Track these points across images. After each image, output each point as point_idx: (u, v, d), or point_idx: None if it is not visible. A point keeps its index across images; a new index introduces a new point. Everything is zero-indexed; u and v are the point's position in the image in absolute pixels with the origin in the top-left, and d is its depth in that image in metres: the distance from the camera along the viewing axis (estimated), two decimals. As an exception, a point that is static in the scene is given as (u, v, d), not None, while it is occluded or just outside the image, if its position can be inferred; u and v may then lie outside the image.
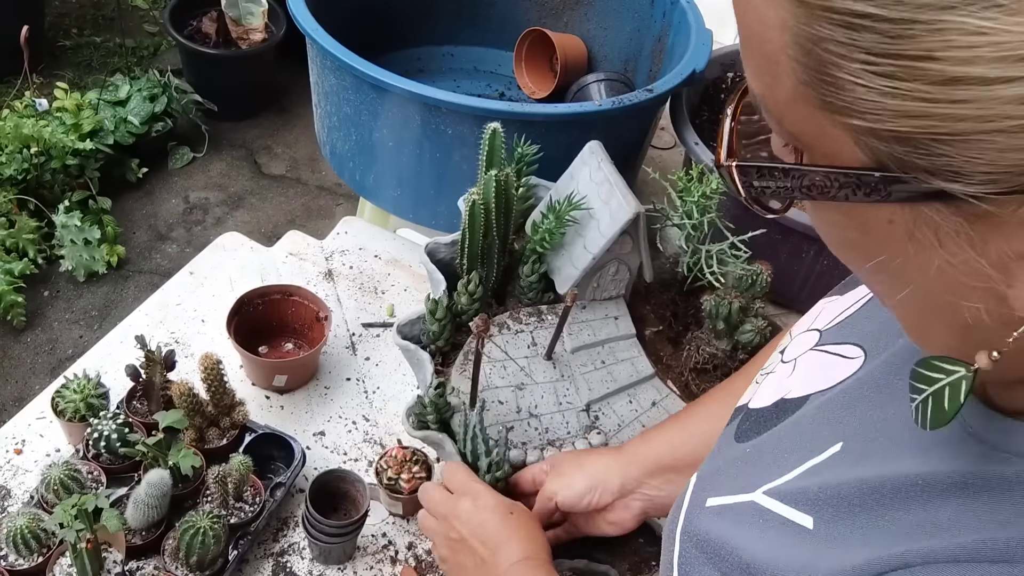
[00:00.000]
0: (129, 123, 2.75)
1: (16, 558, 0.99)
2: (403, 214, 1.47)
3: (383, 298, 1.41)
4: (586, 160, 1.18)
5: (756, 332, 1.17)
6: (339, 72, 1.33)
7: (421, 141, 1.31)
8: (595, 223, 1.14)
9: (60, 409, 1.10)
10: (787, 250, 1.28)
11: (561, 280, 1.18)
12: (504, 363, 1.12)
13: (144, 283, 2.60)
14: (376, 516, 1.13)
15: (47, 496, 1.00)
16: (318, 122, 1.52)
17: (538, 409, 1.09)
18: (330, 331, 1.26)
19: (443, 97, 1.22)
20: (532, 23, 1.75)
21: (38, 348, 2.40)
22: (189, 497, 1.07)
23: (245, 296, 1.26)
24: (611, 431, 1.10)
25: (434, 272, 1.16)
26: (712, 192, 1.16)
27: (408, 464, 1.10)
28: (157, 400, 1.11)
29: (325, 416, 1.24)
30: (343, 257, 1.47)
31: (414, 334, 1.15)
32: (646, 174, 1.60)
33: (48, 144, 2.50)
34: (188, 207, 2.87)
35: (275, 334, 1.31)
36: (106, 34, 3.42)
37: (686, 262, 1.22)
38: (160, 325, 1.32)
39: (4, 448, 1.14)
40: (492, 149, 1.14)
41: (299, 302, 1.29)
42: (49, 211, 2.52)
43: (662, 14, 1.57)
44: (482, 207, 1.09)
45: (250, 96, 3.20)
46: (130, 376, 1.10)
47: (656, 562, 1.04)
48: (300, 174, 3.06)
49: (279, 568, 1.07)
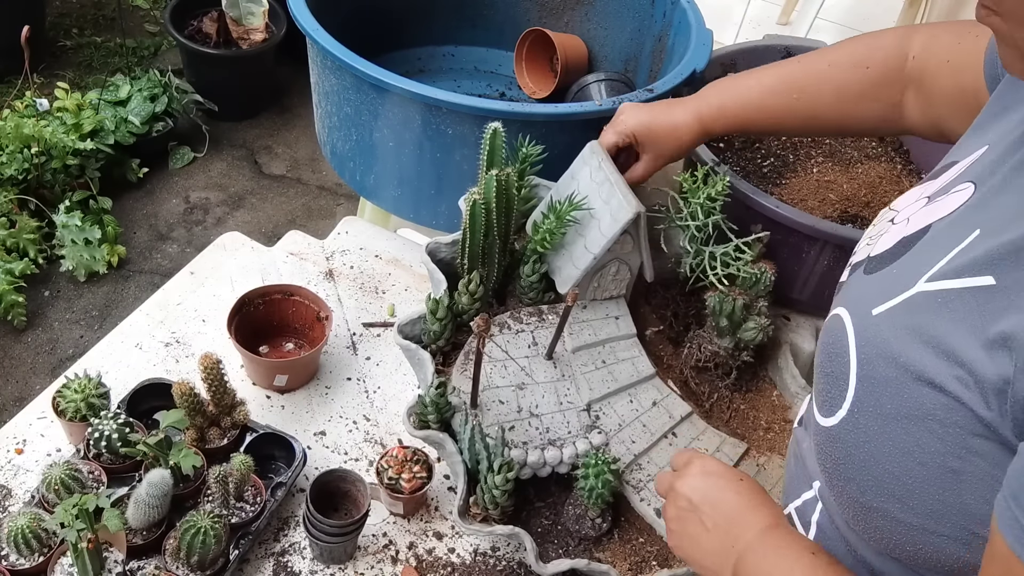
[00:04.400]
0: (130, 123, 2.75)
1: (17, 558, 0.99)
2: (404, 214, 1.46)
3: (384, 298, 1.41)
4: (587, 160, 1.18)
5: (759, 330, 1.17)
6: (339, 72, 1.33)
7: (422, 141, 1.31)
8: (596, 223, 1.14)
9: (61, 409, 1.11)
10: (787, 250, 1.28)
11: (562, 280, 1.18)
12: (505, 363, 1.12)
13: (145, 283, 2.60)
14: (377, 516, 1.13)
15: (48, 496, 1.00)
16: (318, 122, 1.52)
17: (539, 409, 1.09)
18: (331, 331, 1.26)
19: (444, 97, 1.22)
20: (532, 23, 1.75)
21: (39, 348, 2.40)
22: (190, 497, 1.07)
23: (246, 296, 1.26)
24: (612, 431, 1.10)
25: (435, 272, 1.16)
26: (717, 194, 1.16)
27: (409, 464, 1.10)
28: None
29: (326, 416, 1.24)
30: (344, 257, 1.47)
31: (415, 334, 1.15)
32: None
33: (49, 144, 2.50)
34: (189, 207, 2.87)
35: (276, 334, 1.31)
36: (107, 34, 3.42)
37: (689, 263, 1.22)
38: (161, 325, 1.32)
39: (5, 448, 1.14)
40: (493, 149, 1.14)
41: (300, 302, 1.29)
42: (50, 211, 2.52)
43: (662, 14, 1.57)
44: (483, 207, 1.09)
45: (250, 96, 3.20)
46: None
47: (656, 561, 1.04)
48: (301, 174, 3.06)
49: (280, 568, 1.07)
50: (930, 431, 0.63)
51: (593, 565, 1.00)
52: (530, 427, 1.07)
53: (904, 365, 0.64)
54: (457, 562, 1.10)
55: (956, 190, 0.72)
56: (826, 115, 1.09)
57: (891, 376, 0.65)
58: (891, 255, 0.74)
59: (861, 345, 0.69)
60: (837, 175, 1.44)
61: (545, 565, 1.00)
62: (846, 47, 1.08)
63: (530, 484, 1.08)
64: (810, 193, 1.41)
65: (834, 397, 0.72)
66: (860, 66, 1.05)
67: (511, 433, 1.05)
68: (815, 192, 1.41)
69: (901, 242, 0.74)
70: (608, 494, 1.01)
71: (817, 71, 1.09)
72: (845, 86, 1.06)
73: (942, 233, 0.69)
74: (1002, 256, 0.61)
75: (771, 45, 1.58)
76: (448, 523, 1.14)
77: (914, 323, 0.65)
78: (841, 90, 1.06)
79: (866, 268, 0.76)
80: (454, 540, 1.12)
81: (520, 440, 1.05)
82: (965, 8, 3.01)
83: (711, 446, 1.14)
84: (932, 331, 0.63)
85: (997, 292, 0.60)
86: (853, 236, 1.22)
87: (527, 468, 1.05)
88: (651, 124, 1.15)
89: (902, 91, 1.03)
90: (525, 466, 1.04)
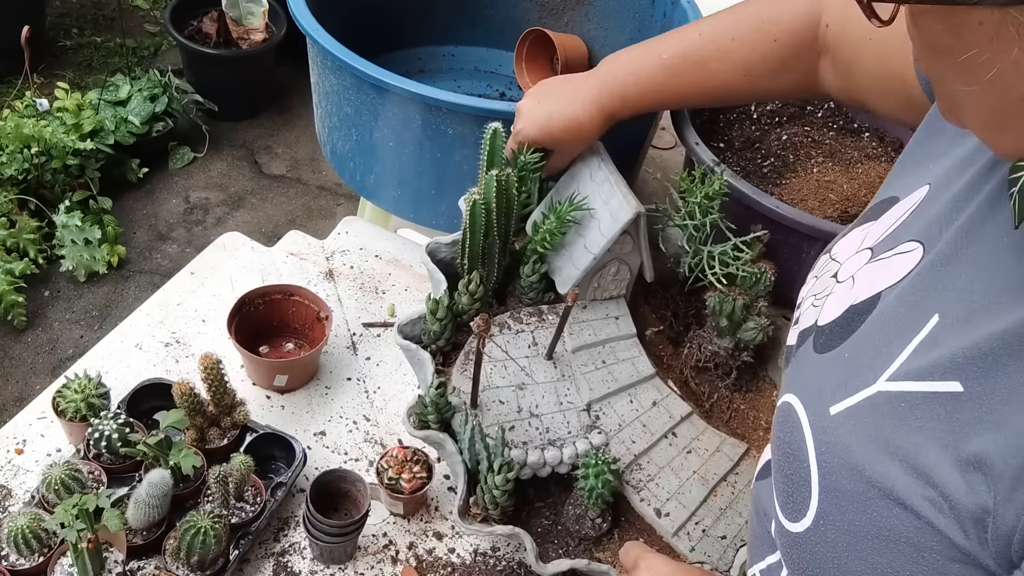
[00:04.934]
0: (130, 123, 2.76)
1: (17, 558, 0.99)
2: (404, 214, 1.46)
3: (384, 298, 1.41)
4: (586, 160, 1.18)
5: (759, 330, 1.17)
6: (339, 72, 1.33)
7: (422, 141, 1.31)
8: (596, 223, 1.14)
9: (61, 409, 1.11)
10: (787, 250, 1.28)
11: (562, 280, 1.18)
12: (505, 363, 1.12)
13: (144, 283, 2.60)
14: (377, 516, 1.13)
15: (48, 496, 1.00)
16: (318, 122, 1.52)
17: (539, 409, 1.09)
18: (331, 331, 1.26)
19: (444, 97, 1.22)
20: (533, 23, 1.75)
21: (39, 348, 2.40)
22: (190, 497, 1.07)
23: (246, 296, 1.26)
24: (612, 431, 1.10)
25: (435, 272, 1.16)
26: (714, 193, 1.16)
27: (409, 464, 1.10)
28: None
29: (326, 416, 1.24)
30: (344, 257, 1.47)
31: (415, 334, 1.15)
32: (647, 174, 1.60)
33: (49, 144, 2.50)
34: (188, 207, 2.87)
35: (276, 334, 1.31)
36: (107, 34, 3.42)
37: (688, 263, 1.22)
38: (160, 325, 1.32)
39: (5, 448, 1.14)
40: (493, 149, 1.14)
41: (300, 302, 1.29)
42: (50, 211, 2.52)
43: (663, 14, 1.57)
44: (483, 207, 1.09)
45: (250, 96, 3.20)
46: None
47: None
48: (301, 174, 3.06)
49: (280, 568, 1.07)
50: (903, 553, 0.57)
51: (593, 565, 1.00)
52: (530, 427, 1.07)
53: (870, 479, 0.58)
54: (457, 562, 1.10)
55: (902, 251, 0.67)
56: (737, 89, 1.04)
57: (857, 490, 0.60)
58: (841, 328, 0.68)
59: (821, 451, 0.63)
60: (837, 175, 1.44)
61: (545, 565, 1.00)
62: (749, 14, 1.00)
63: (530, 484, 1.08)
64: (810, 193, 1.41)
65: (798, 503, 0.66)
66: (767, 39, 0.98)
67: (511, 433, 1.05)
68: (815, 192, 1.41)
69: (849, 312, 0.68)
70: (608, 494, 1.01)
71: (720, 47, 1.02)
72: (753, 63, 1.00)
73: (895, 310, 0.64)
74: (968, 360, 0.55)
75: (771, 45, 1.57)
76: (448, 523, 1.14)
77: (878, 430, 0.59)
78: (750, 67, 1.00)
79: (815, 343, 0.71)
80: (454, 540, 1.12)
81: (520, 440, 1.05)
82: (965, 8, 3.00)
83: (711, 446, 1.14)
84: (898, 442, 0.57)
85: (965, 402, 0.54)
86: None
87: (527, 468, 1.05)
88: (551, 128, 1.10)
89: (816, 59, 0.97)
90: (525, 466, 1.04)
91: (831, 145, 1.52)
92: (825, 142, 1.53)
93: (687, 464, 1.11)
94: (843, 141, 1.54)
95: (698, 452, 1.13)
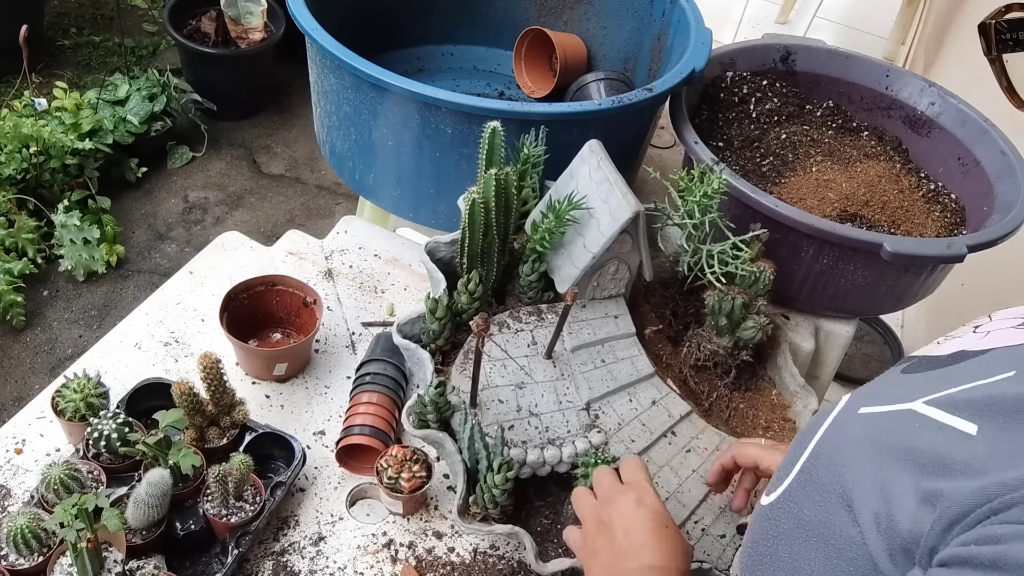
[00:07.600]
0: (128, 122, 2.75)
1: (16, 558, 0.99)
2: (403, 213, 1.46)
3: (383, 297, 1.41)
4: (585, 159, 1.18)
5: (758, 329, 1.17)
6: (338, 71, 1.33)
7: (421, 140, 1.31)
8: (595, 222, 1.14)
9: (60, 409, 1.10)
10: (786, 249, 1.28)
11: (561, 279, 1.18)
12: (504, 362, 1.12)
13: (144, 283, 2.60)
14: (376, 515, 1.13)
15: (47, 496, 1.00)
16: (317, 121, 1.52)
17: (538, 408, 1.09)
18: (322, 314, 1.26)
19: (442, 96, 1.22)
20: (532, 22, 1.75)
21: (38, 348, 2.40)
22: (189, 496, 1.07)
23: (231, 292, 1.25)
24: (611, 430, 1.10)
25: (434, 271, 1.17)
26: (713, 192, 1.16)
27: (408, 463, 1.10)
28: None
29: (325, 415, 1.24)
30: (343, 256, 1.47)
31: (414, 333, 1.15)
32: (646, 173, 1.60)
33: (47, 143, 2.50)
34: (187, 206, 2.87)
35: (262, 327, 1.30)
36: (105, 33, 3.42)
37: (687, 261, 1.22)
38: (160, 325, 1.32)
39: (4, 448, 1.14)
40: (492, 148, 1.14)
41: (283, 290, 1.29)
42: (48, 211, 2.52)
43: (661, 13, 1.57)
44: (482, 206, 1.09)
45: (249, 95, 3.20)
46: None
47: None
48: (300, 173, 3.06)
49: (280, 567, 1.07)
50: (827, 557, 0.57)
51: (593, 564, 1.00)
52: (529, 426, 1.07)
53: (841, 476, 0.59)
54: (457, 561, 1.10)
55: None
56: None
57: (824, 481, 0.60)
58: (936, 362, 0.67)
59: (823, 438, 0.64)
60: (836, 174, 1.44)
61: (545, 564, 1.00)
62: None
63: (529, 483, 1.08)
64: (809, 192, 1.42)
65: (780, 478, 0.67)
66: None
67: (510, 432, 1.05)
68: (814, 191, 1.41)
69: (957, 355, 0.66)
70: (607, 493, 1.01)
71: None
72: None
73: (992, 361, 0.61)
74: (1000, 409, 0.53)
75: (770, 44, 1.58)
76: (448, 522, 1.14)
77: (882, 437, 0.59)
78: None
79: (907, 365, 0.70)
80: (454, 539, 1.12)
81: (519, 439, 1.05)
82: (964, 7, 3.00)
83: (710, 445, 1.14)
84: (888, 452, 0.57)
85: (970, 444, 0.53)
86: (852, 235, 1.22)
87: (526, 467, 1.05)
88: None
89: None
90: (524, 465, 1.04)
91: (830, 144, 1.53)
92: (824, 141, 1.53)
93: (686, 463, 1.11)
94: (842, 140, 1.54)
95: (697, 451, 1.13)
